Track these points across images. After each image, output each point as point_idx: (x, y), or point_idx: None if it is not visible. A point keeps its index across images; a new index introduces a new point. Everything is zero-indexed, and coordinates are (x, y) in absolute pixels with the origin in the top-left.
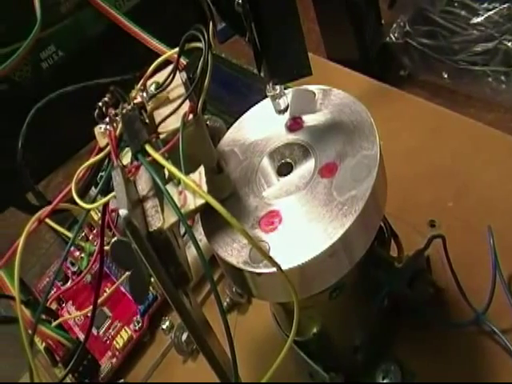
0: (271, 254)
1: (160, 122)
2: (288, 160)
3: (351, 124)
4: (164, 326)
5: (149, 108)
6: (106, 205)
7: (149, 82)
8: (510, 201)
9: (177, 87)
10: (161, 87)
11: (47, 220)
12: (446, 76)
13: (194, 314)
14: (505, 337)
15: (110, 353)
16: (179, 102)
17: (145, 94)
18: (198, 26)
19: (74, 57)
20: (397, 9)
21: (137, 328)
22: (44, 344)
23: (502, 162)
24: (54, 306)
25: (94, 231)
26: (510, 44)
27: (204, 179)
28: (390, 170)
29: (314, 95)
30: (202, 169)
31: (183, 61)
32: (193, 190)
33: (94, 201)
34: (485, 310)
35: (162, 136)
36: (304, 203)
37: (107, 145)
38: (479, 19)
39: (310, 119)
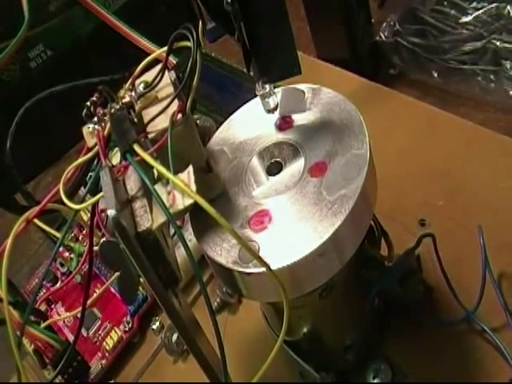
0: (261, 253)
1: (149, 122)
2: (278, 159)
3: (341, 123)
4: (154, 327)
5: (137, 107)
6: (94, 205)
7: (137, 82)
8: (500, 200)
9: (166, 86)
10: (149, 86)
11: (36, 220)
12: (435, 75)
13: (183, 314)
14: (495, 335)
15: (99, 354)
16: (168, 101)
17: (133, 94)
18: (186, 24)
19: (62, 56)
20: (387, 8)
21: (127, 329)
22: (33, 346)
23: (493, 160)
24: (43, 307)
25: (84, 231)
26: (498, 43)
27: (193, 179)
28: (380, 168)
29: (303, 94)
30: (190, 168)
31: (173, 60)
32: (181, 189)
33: (82, 201)
34: (475, 309)
35: (150, 136)
36: (294, 202)
37: (95, 145)
38: (468, 18)
39: (299, 118)
